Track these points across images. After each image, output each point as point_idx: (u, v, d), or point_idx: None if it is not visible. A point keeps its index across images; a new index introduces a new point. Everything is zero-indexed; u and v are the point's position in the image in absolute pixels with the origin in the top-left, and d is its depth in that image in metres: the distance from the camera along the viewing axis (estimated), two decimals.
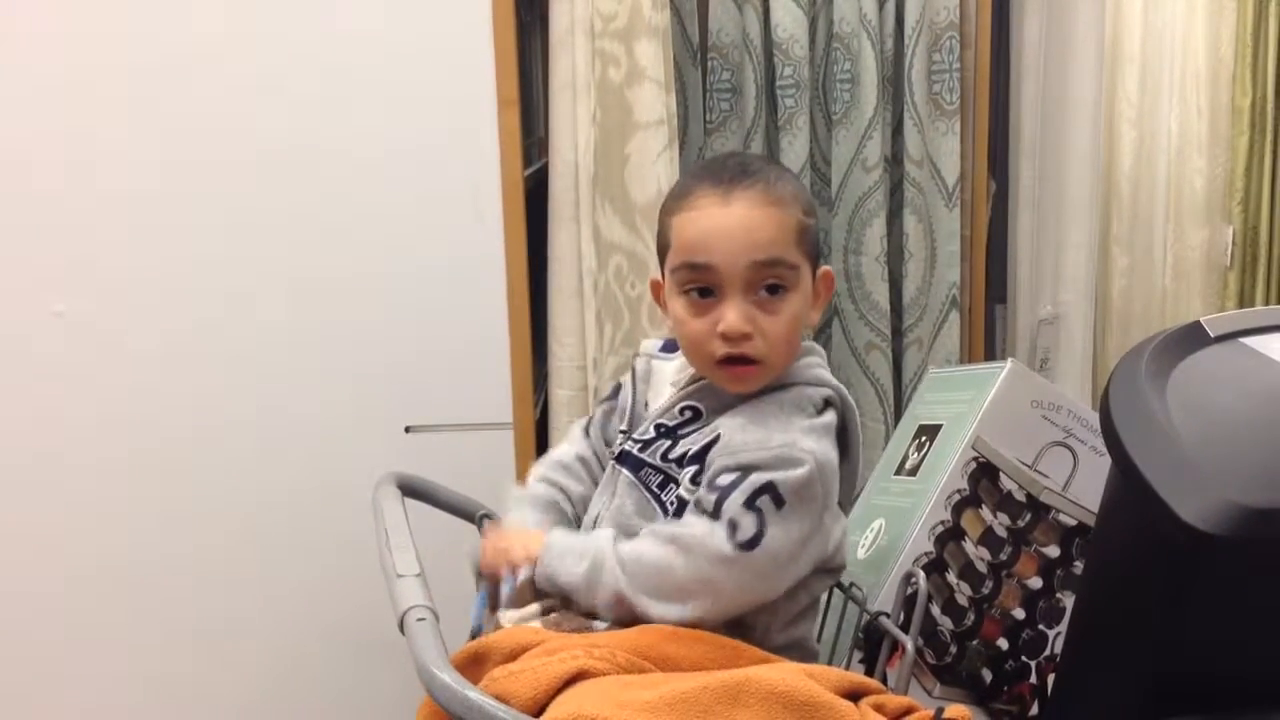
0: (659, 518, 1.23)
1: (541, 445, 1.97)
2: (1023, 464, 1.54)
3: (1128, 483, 1.20)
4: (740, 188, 1.22)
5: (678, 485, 1.23)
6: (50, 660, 1.93)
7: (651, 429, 1.28)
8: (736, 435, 1.21)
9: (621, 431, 1.32)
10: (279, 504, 1.92)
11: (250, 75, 1.82)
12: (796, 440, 1.19)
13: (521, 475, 1.88)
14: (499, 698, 1.00)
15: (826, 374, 1.29)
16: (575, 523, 1.32)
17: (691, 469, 1.23)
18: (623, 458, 1.28)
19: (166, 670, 1.96)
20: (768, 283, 1.22)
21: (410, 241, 1.87)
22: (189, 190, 1.83)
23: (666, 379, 1.35)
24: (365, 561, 1.28)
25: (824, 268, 1.30)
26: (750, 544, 1.13)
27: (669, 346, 1.39)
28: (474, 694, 0.96)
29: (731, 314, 1.21)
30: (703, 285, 1.23)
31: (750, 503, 1.15)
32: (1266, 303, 3.21)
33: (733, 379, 1.26)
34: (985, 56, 2.24)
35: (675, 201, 1.27)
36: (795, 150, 2.21)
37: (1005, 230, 2.38)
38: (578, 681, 1.02)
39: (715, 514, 1.15)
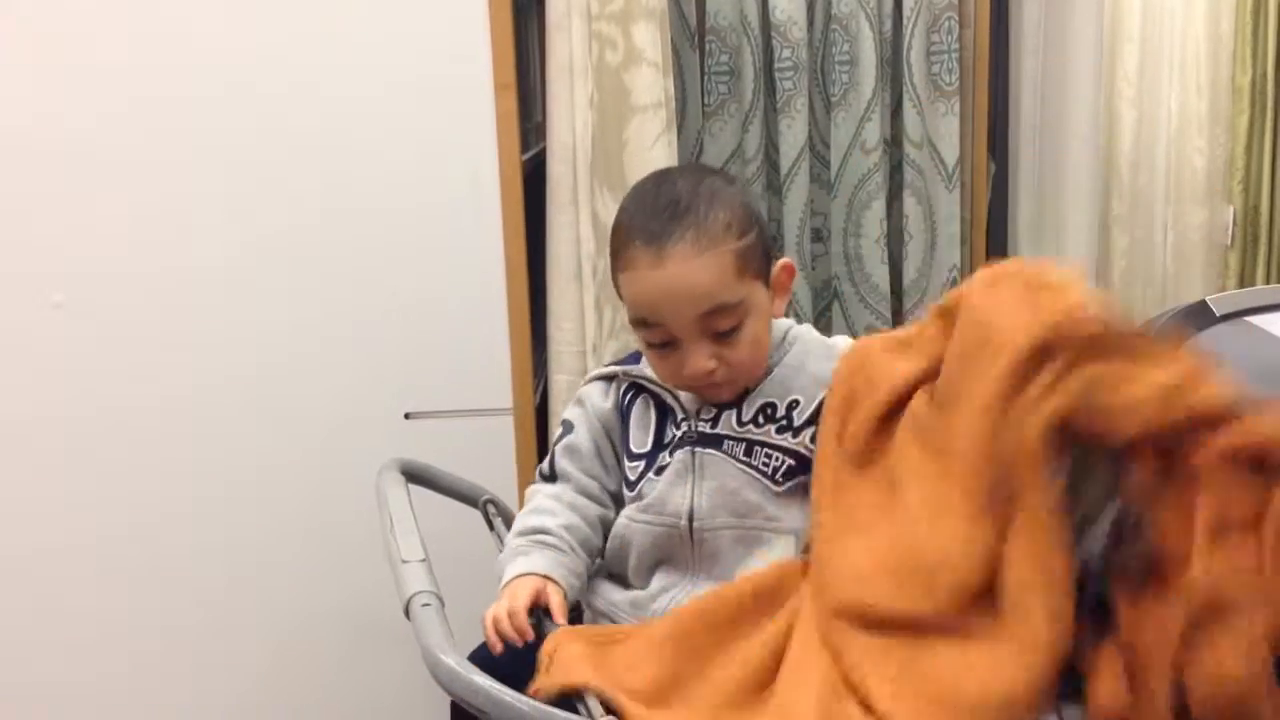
0: (763, 481, 1.27)
1: (542, 430, 1.97)
2: None
3: None
4: (671, 242, 1.23)
5: (763, 448, 1.28)
6: (48, 653, 1.93)
7: (711, 407, 1.31)
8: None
9: (683, 420, 1.32)
10: (280, 491, 1.91)
11: (247, 64, 1.80)
12: None
13: (522, 460, 1.90)
14: None
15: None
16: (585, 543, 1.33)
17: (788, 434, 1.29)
18: (703, 440, 1.30)
19: (169, 656, 1.95)
20: (719, 329, 1.25)
21: (409, 228, 1.86)
22: (186, 180, 1.82)
23: None
24: (369, 548, 1.28)
25: (782, 261, 1.33)
26: None
27: (632, 358, 1.42)
28: (479, 678, 0.96)
29: (692, 359, 1.26)
30: (661, 339, 1.27)
31: None
32: (1267, 282, 3.20)
33: (709, 394, 1.31)
34: (984, 37, 2.23)
35: (616, 256, 1.29)
36: (794, 133, 2.21)
37: (1005, 211, 2.38)
38: None
39: None
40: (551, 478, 1.38)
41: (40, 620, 1.92)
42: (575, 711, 1.02)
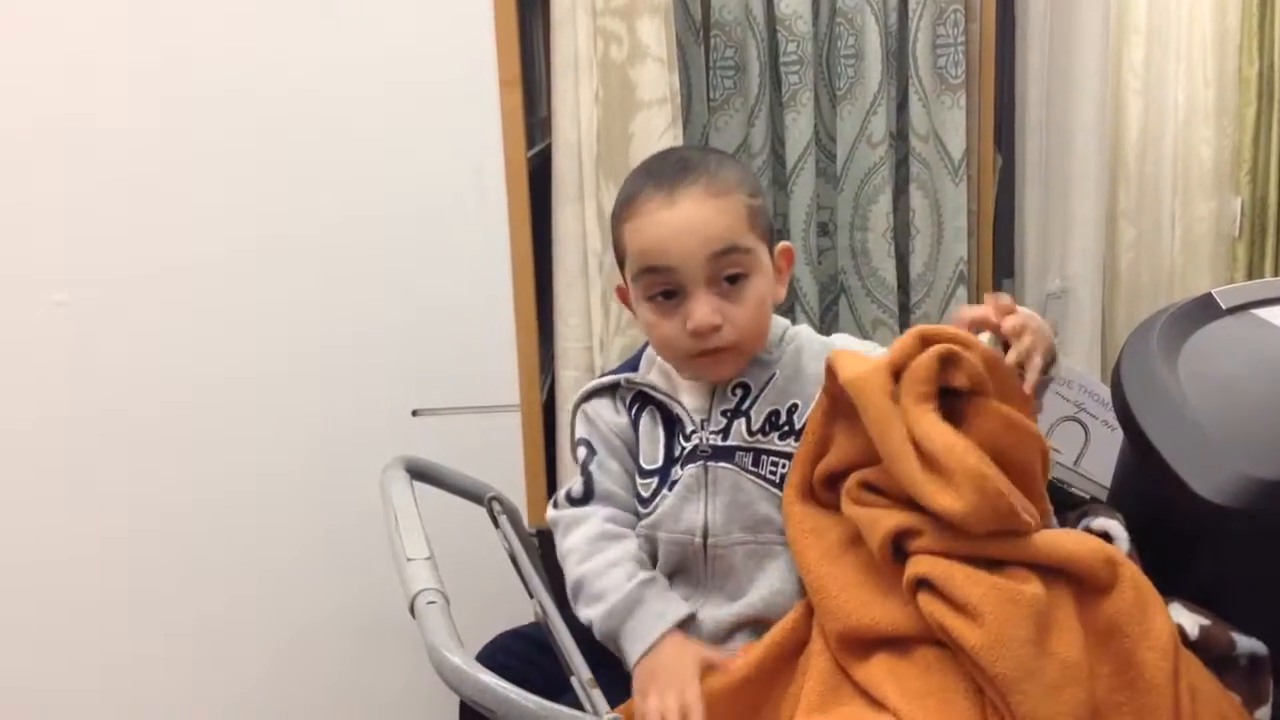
0: (772, 490, 1.27)
1: (549, 426, 1.97)
2: None
3: (1141, 456, 1.20)
4: (683, 185, 1.24)
5: (769, 455, 1.27)
6: (49, 651, 1.93)
7: (720, 417, 1.30)
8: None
9: (693, 432, 1.31)
10: (288, 490, 1.92)
11: (251, 61, 1.80)
12: None
13: (529, 457, 1.89)
14: None
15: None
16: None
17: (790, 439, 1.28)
18: (715, 454, 1.29)
19: (172, 655, 1.96)
20: (728, 273, 1.25)
21: (414, 224, 1.86)
22: (189, 178, 1.82)
23: (668, 375, 1.36)
24: (377, 546, 1.28)
25: (782, 244, 1.33)
26: None
27: (628, 366, 1.41)
28: (485, 676, 0.96)
29: (698, 309, 1.24)
30: (666, 288, 1.26)
31: None
32: (1275, 274, 3.19)
33: (709, 367, 1.30)
34: (990, 29, 2.22)
35: (623, 209, 1.29)
36: (799, 127, 2.20)
37: (1012, 204, 2.36)
38: None
39: None
40: (585, 499, 1.34)
41: (37, 618, 1.93)
42: (579, 708, 1.02)
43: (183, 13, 1.78)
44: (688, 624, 1.23)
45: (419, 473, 1.42)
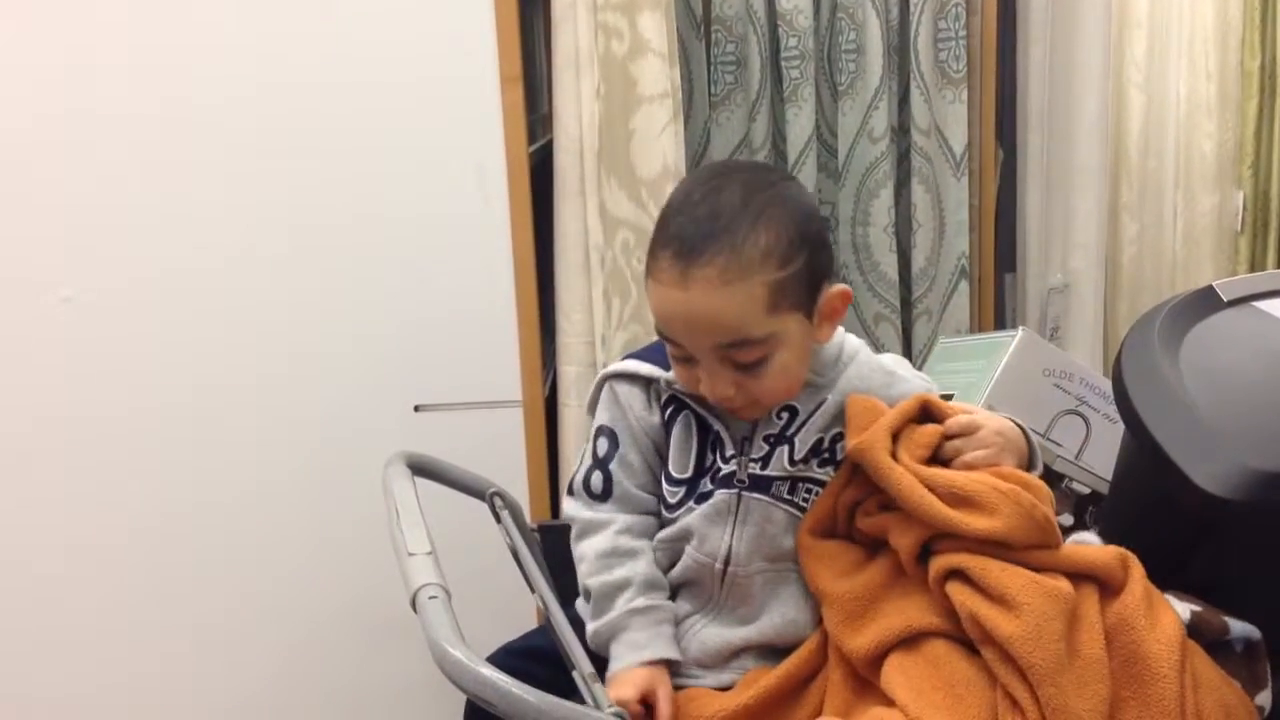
0: (800, 520, 1.25)
1: (551, 422, 1.97)
2: (1035, 433, 1.53)
3: (1142, 449, 1.20)
4: (700, 264, 1.13)
5: (804, 482, 1.25)
6: (50, 652, 1.93)
7: (762, 443, 1.25)
8: None
9: (732, 456, 1.25)
10: (289, 486, 1.92)
11: (253, 57, 1.80)
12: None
13: (531, 452, 1.90)
14: None
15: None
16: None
17: (830, 467, 1.26)
18: (753, 483, 1.24)
19: (175, 654, 1.96)
20: (741, 361, 1.17)
21: (416, 221, 1.86)
22: (193, 174, 1.82)
23: None
24: (376, 541, 1.28)
25: (835, 288, 1.22)
26: None
27: (652, 355, 1.32)
28: (486, 670, 0.96)
29: (710, 385, 1.20)
30: (683, 354, 1.21)
31: None
32: (1278, 267, 3.19)
33: (733, 414, 1.25)
34: (991, 23, 2.22)
35: (649, 256, 1.20)
36: (801, 122, 2.20)
37: (1014, 199, 2.36)
38: None
39: None
40: (603, 498, 1.29)
41: (43, 622, 1.93)
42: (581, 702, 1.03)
43: (183, 11, 1.78)
44: (669, 663, 1.22)
45: (420, 468, 1.42)
